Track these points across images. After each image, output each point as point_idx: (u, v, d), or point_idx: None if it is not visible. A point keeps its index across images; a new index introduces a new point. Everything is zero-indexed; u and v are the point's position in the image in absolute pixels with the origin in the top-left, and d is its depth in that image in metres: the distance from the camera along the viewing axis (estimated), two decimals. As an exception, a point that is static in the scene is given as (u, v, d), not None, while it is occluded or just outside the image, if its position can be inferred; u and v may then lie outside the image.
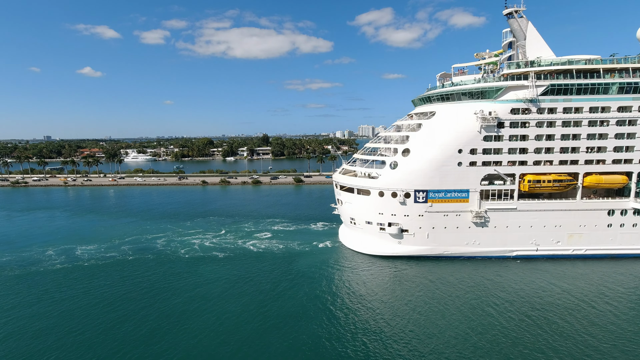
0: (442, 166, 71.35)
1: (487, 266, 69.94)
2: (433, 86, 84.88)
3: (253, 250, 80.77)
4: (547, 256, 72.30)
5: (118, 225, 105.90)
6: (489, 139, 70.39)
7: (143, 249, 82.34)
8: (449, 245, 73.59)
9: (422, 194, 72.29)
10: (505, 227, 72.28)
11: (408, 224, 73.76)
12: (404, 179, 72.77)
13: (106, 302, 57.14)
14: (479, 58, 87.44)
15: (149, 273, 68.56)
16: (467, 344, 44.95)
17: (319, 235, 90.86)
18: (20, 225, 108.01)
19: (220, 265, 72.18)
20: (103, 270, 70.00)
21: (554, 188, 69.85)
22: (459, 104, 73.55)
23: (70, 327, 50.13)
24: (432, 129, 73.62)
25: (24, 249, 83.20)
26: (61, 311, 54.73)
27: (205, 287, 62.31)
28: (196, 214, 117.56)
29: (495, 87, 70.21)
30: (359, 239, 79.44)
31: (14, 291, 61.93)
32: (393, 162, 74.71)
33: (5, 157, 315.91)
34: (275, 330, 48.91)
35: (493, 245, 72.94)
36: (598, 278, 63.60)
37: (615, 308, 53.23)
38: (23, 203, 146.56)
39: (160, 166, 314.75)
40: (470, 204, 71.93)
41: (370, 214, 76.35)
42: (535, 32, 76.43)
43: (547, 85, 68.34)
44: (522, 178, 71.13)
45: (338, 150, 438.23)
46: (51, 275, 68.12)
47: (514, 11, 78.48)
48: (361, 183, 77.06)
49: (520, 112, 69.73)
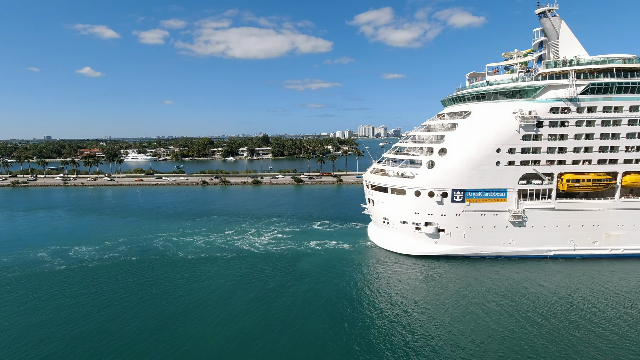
0: (480, 165, 70.94)
1: (524, 266, 69.61)
2: (463, 86, 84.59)
3: (259, 251, 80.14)
4: (585, 256, 72.27)
5: (119, 225, 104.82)
6: (527, 138, 70.15)
7: (146, 249, 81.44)
8: (485, 245, 73.22)
9: (460, 194, 71.82)
10: (543, 227, 72.10)
11: (445, 223, 73.24)
12: (441, 179, 72.24)
13: (110, 302, 56.61)
14: (507, 57, 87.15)
15: (153, 273, 68.05)
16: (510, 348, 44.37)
17: (331, 235, 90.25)
18: (20, 225, 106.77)
19: (225, 265, 71.63)
20: (107, 271, 69.20)
21: (593, 187, 69.83)
22: (496, 103, 73.20)
23: (75, 327, 49.70)
24: (468, 128, 73.19)
25: (25, 249, 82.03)
26: (65, 312, 54.03)
27: (211, 286, 61.78)
28: (198, 214, 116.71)
29: (535, 86, 69.98)
30: (392, 239, 78.72)
31: (16, 292, 61.00)
32: (429, 162, 74.13)
33: (5, 157, 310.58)
34: (302, 329, 48.32)
35: (530, 245, 72.72)
36: (636, 278, 63.54)
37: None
38: (24, 203, 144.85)
39: (160, 166, 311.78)
40: (508, 204, 71.62)
41: (406, 214, 75.70)
42: (568, 31, 76.36)
43: (587, 84, 68.29)
44: (560, 177, 70.99)
45: (338, 150, 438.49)
46: (55, 276, 67.18)
47: (547, 10, 78.11)
48: (396, 183, 76.37)
49: (560, 111, 69.64)
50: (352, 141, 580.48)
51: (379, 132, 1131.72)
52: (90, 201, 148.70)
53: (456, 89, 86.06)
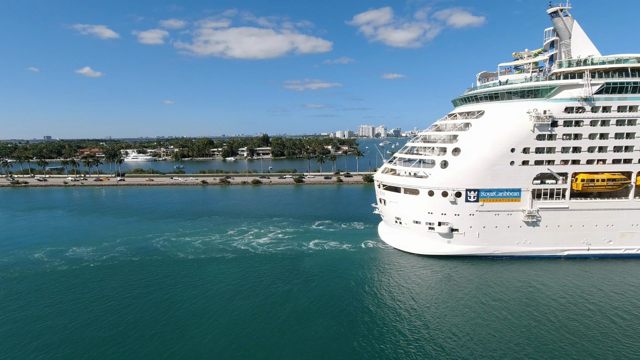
0: (494, 165, 70.75)
1: (539, 266, 69.44)
2: (475, 86, 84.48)
3: (262, 251, 79.47)
4: (599, 255, 72.20)
5: (121, 225, 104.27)
6: (542, 138, 70.03)
7: (148, 250, 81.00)
8: (499, 245, 73.02)
9: (474, 193, 71.60)
10: (557, 227, 71.98)
11: (458, 223, 73.00)
12: (454, 178, 72.00)
13: (111, 303, 56.36)
14: (517, 57, 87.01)
15: (156, 273, 67.76)
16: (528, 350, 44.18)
17: (331, 235, 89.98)
18: (21, 226, 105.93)
19: (227, 265, 71.10)
20: (109, 272, 68.77)
21: (607, 187, 69.78)
22: (509, 103, 73.06)
23: (79, 328, 49.49)
24: (482, 128, 73.01)
25: (27, 250, 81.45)
26: (69, 313, 53.57)
27: (213, 287, 61.36)
28: (199, 214, 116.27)
29: (549, 85, 69.85)
30: (405, 238, 78.40)
31: (18, 293, 60.48)
32: (443, 161, 73.87)
33: (5, 157, 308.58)
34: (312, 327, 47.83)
35: (544, 245, 72.58)
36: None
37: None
38: (25, 203, 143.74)
39: (160, 166, 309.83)
40: (522, 203, 71.45)
41: (419, 213, 75.41)
42: (581, 30, 76.35)
43: (602, 83, 68.23)
44: (574, 177, 70.91)
45: (338, 150, 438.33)
46: (58, 277, 66.73)
47: (559, 10, 78.04)
48: (409, 182, 76.07)
49: (575, 111, 69.55)
50: (352, 141, 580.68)
51: (379, 132, 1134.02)
52: (92, 201, 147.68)
53: (467, 89, 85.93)
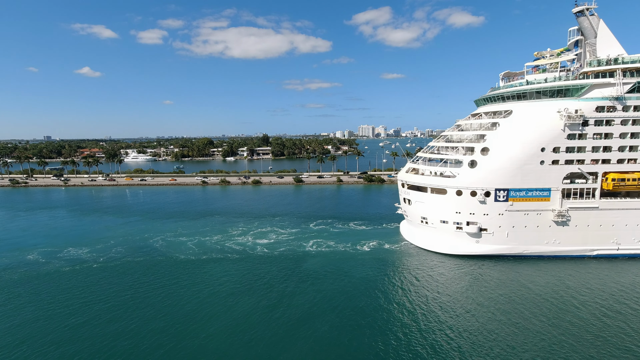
0: (524, 165, 70.28)
1: (568, 266, 69.04)
2: (498, 86, 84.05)
3: (263, 251, 78.80)
4: (629, 255, 72.00)
5: (121, 225, 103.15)
6: (572, 137, 69.70)
7: (150, 250, 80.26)
8: (528, 245, 72.56)
9: (503, 193, 71.08)
10: (586, 226, 71.67)
11: (487, 222, 72.44)
12: (483, 178, 71.42)
13: (111, 302, 56.13)
14: (539, 57, 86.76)
15: (156, 273, 67.03)
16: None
17: (332, 236, 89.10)
18: (22, 225, 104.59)
19: (229, 266, 70.24)
20: (111, 272, 68.02)
21: (638, 186, 69.58)
22: (538, 102, 72.67)
23: (80, 328, 48.90)
24: (511, 127, 72.52)
25: (28, 250, 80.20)
26: (72, 314, 52.83)
27: (215, 289, 60.50)
28: (200, 214, 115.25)
29: (580, 85, 69.55)
30: (431, 238, 77.70)
31: (19, 294, 59.43)
32: (471, 161, 73.27)
33: (5, 157, 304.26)
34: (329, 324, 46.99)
35: (573, 245, 72.24)
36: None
37: None
38: (25, 203, 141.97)
39: (160, 166, 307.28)
40: (552, 203, 71.05)
41: (447, 213, 74.73)
42: (607, 29, 76.02)
43: (634, 82, 68.03)
44: (604, 176, 70.64)
45: (338, 150, 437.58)
46: (59, 277, 65.83)
47: (585, 9, 77.70)
48: (436, 182, 75.36)
49: (606, 110, 69.29)
50: (352, 141, 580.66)
51: (379, 132, 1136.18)
52: (90, 201, 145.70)
53: (490, 89, 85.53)
